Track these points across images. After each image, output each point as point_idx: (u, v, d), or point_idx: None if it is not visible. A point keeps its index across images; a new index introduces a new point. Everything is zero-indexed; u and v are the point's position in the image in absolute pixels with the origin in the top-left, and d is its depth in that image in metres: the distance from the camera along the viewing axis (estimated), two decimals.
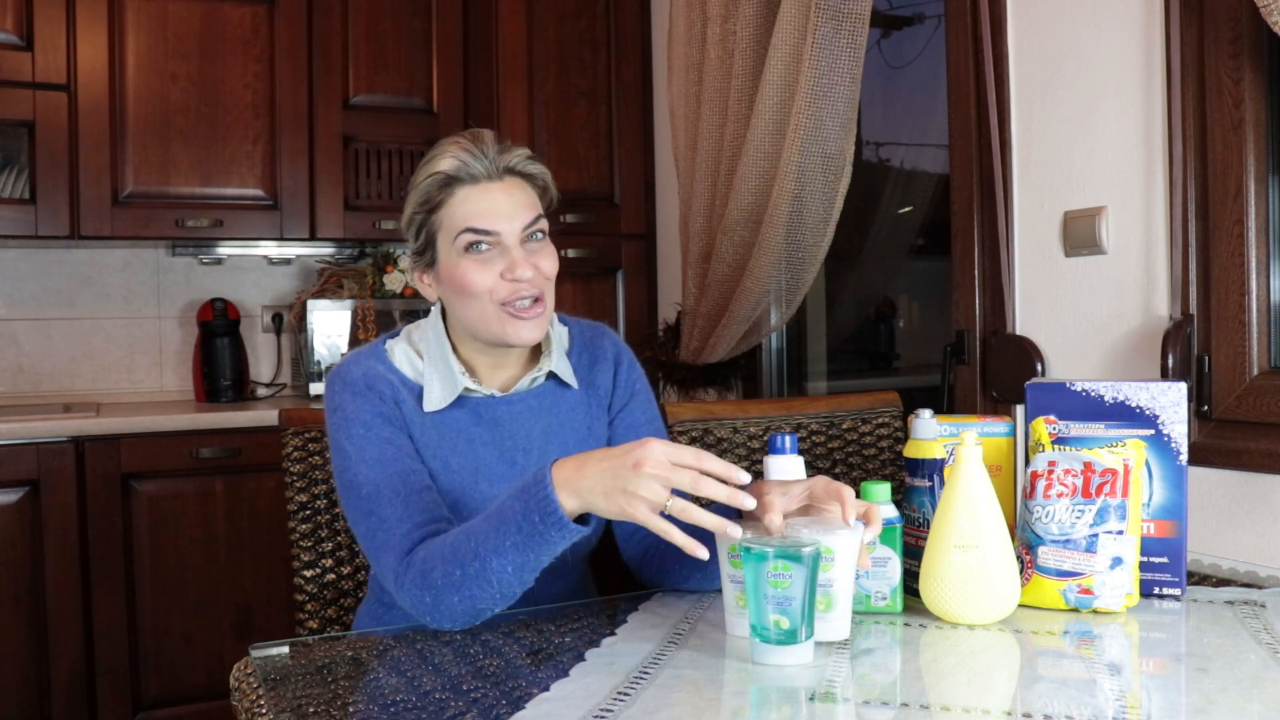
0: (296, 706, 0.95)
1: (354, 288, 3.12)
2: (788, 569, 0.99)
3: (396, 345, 1.35)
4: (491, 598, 1.13)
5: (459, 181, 1.27)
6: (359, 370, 1.30)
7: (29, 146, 2.72)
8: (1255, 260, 1.50)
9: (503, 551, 1.10)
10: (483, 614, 1.15)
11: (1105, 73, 1.68)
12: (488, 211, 1.27)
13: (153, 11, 2.81)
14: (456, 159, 1.27)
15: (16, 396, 2.99)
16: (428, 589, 1.14)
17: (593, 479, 1.05)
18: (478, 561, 1.11)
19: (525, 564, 1.10)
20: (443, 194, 1.28)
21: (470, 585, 1.11)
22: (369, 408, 1.28)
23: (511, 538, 1.09)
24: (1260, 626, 1.11)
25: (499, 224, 1.27)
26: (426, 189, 1.28)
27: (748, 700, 0.96)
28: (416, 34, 3.07)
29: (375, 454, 1.25)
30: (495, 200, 1.27)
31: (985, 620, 1.13)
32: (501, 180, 1.29)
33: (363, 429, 1.26)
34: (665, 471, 1.01)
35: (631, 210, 3.07)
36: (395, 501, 1.22)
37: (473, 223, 1.26)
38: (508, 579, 1.11)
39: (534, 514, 1.07)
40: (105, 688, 2.54)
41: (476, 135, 1.29)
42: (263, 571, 2.70)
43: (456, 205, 1.27)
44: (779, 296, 2.42)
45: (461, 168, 1.27)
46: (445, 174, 1.27)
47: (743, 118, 2.29)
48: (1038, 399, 1.26)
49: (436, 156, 1.29)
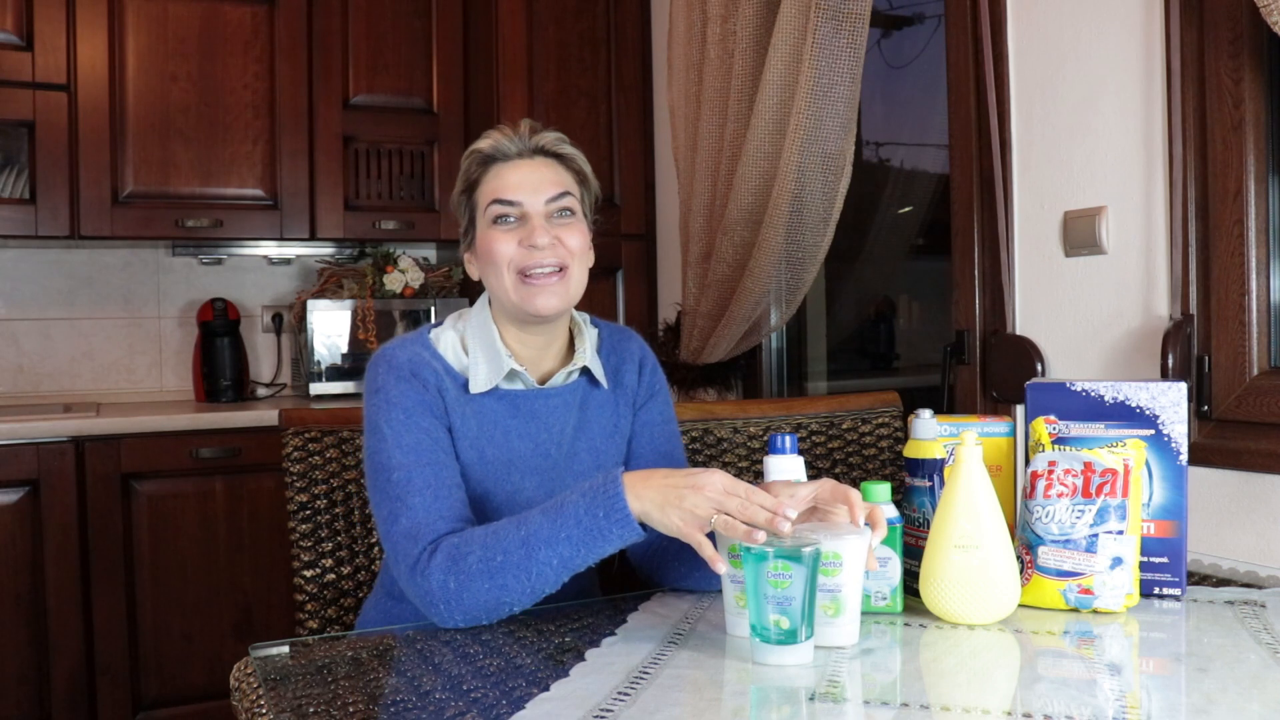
0: (296, 706, 0.95)
1: (354, 288, 3.12)
2: (788, 569, 0.99)
3: (442, 333, 1.37)
4: (521, 591, 1.14)
5: (493, 160, 1.35)
6: (405, 355, 1.32)
7: (29, 146, 2.72)
8: (1255, 260, 1.50)
9: (555, 543, 1.13)
10: (499, 610, 1.16)
11: (1105, 73, 1.68)
12: (514, 184, 1.33)
13: (153, 11, 2.81)
14: (490, 139, 1.36)
15: (16, 396, 2.99)
16: (455, 573, 1.15)
17: (655, 491, 1.12)
18: (524, 549, 1.14)
19: (572, 559, 1.14)
20: (479, 172, 1.36)
21: (507, 573, 1.14)
22: (412, 394, 1.29)
23: (568, 529, 1.13)
24: (1260, 626, 1.11)
25: (522, 195, 1.33)
26: (467, 169, 1.37)
27: (748, 700, 0.96)
28: (416, 34, 3.07)
29: (412, 441, 1.26)
30: (521, 174, 1.34)
31: (985, 620, 1.13)
32: (531, 159, 1.36)
33: (403, 414, 1.28)
34: (720, 496, 1.09)
35: (631, 210, 3.07)
36: (425, 492, 1.23)
37: (499, 194, 1.33)
38: (547, 574, 1.14)
39: (599, 509, 1.13)
40: (105, 688, 2.54)
41: (517, 123, 1.38)
42: (263, 571, 2.70)
43: (489, 181, 1.35)
44: (779, 296, 2.42)
45: (495, 147, 1.35)
46: (482, 153, 1.35)
47: (743, 118, 2.29)
48: (1038, 399, 1.26)
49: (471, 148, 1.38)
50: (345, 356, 3.04)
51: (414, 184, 3.09)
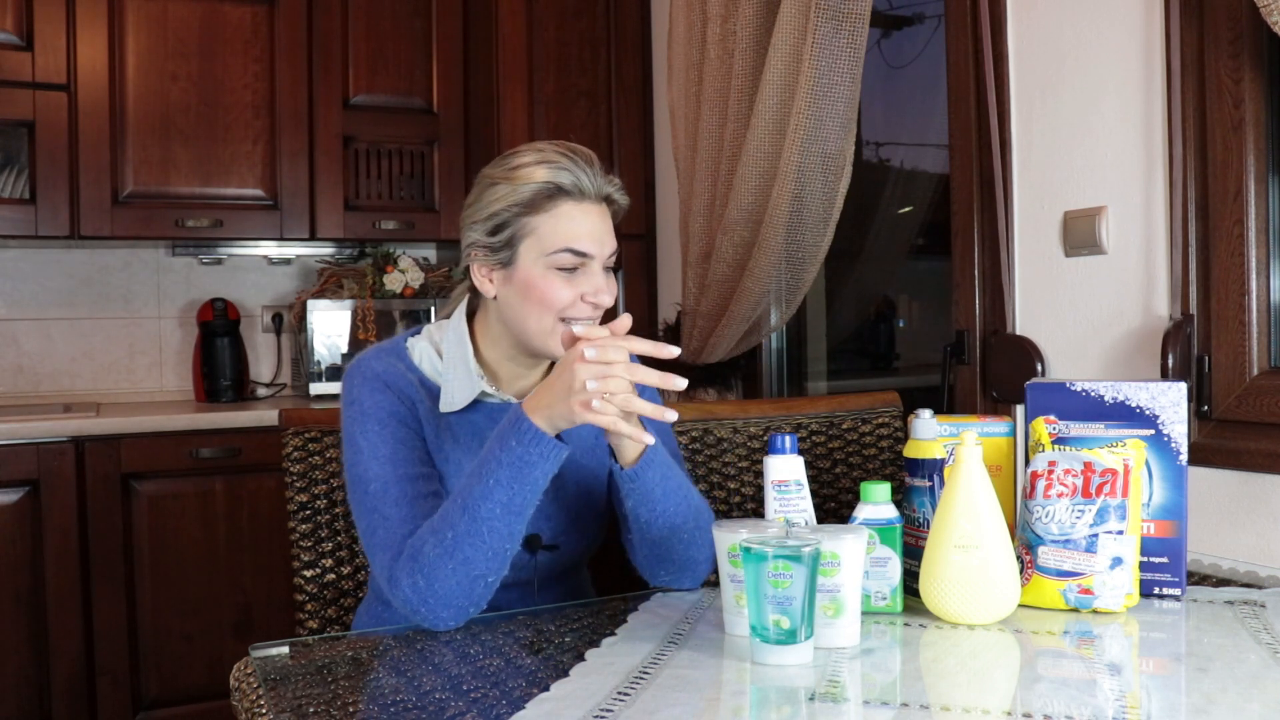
0: (296, 706, 0.95)
1: (354, 288, 3.12)
2: (788, 569, 0.99)
3: (418, 343, 1.36)
4: (483, 558, 1.14)
5: (566, 194, 1.26)
6: (380, 365, 1.31)
7: (29, 146, 2.72)
8: (1255, 260, 1.50)
9: (490, 494, 1.14)
10: (475, 587, 1.15)
11: (1105, 73, 1.68)
12: (589, 235, 1.27)
13: (153, 11, 2.81)
14: (568, 172, 1.26)
15: (16, 396, 2.99)
16: (420, 570, 1.14)
17: (548, 395, 1.15)
18: (467, 514, 1.14)
19: (512, 501, 1.14)
20: (546, 202, 1.26)
21: (463, 545, 1.13)
22: (386, 405, 1.28)
23: (496, 475, 1.14)
24: (1260, 626, 1.11)
25: (595, 248, 1.27)
26: (531, 193, 1.25)
27: (748, 700, 0.96)
28: (416, 34, 3.07)
29: (388, 453, 1.26)
30: (593, 222, 1.28)
31: (985, 620, 1.13)
32: (599, 204, 1.30)
33: (377, 426, 1.27)
34: (600, 367, 1.13)
35: (631, 210, 3.03)
36: (402, 503, 1.22)
37: (575, 244, 1.26)
38: (497, 526, 1.14)
39: (512, 441, 1.14)
40: (105, 688, 2.54)
41: (577, 149, 1.29)
42: (263, 571, 2.70)
43: (560, 218, 1.26)
44: (779, 296, 2.42)
45: (574, 182, 1.26)
46: (555, 185, 1.26)
47: (743, 118, 2.29)
48: (1038, 399, 1.26)
49: (538, 164, 1.26)
50: (345, 356, 3.05)
51: (414, 184, 3.09)
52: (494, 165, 1.31)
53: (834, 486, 1.74)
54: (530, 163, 1.27)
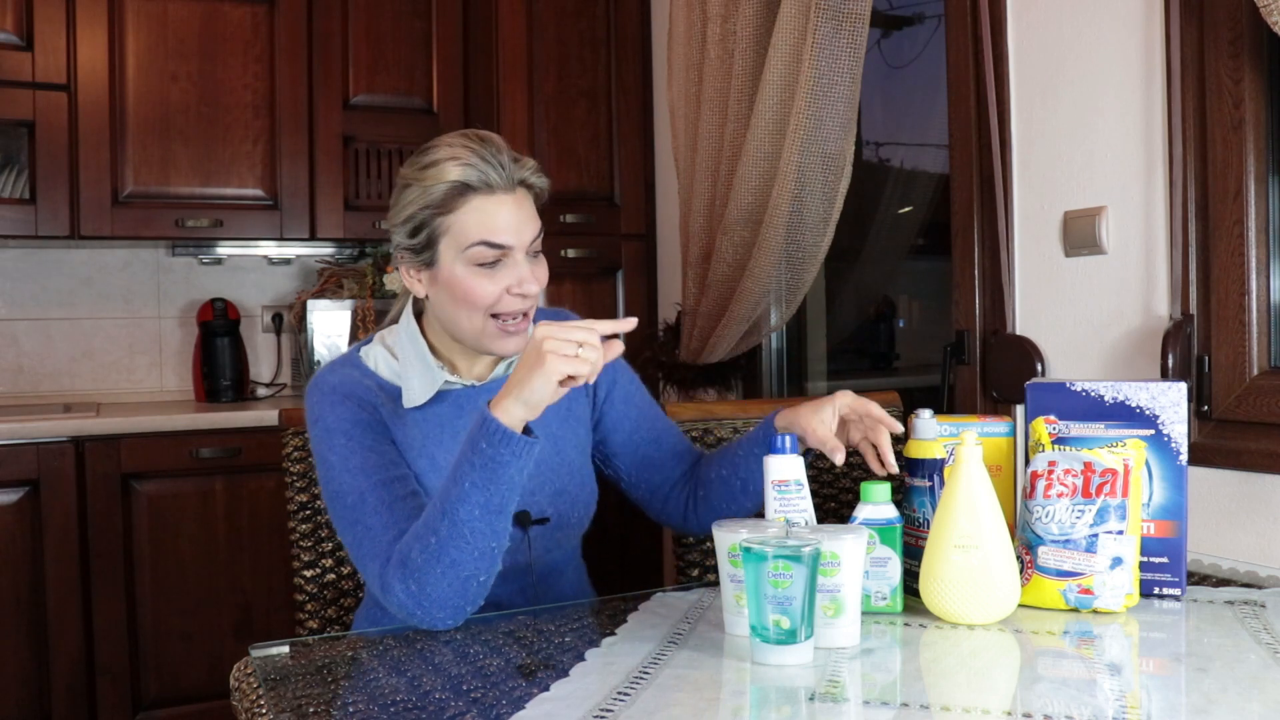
0: (296, 706, 0.95)
1: (354, 288, 3.12)
2: (788, 569, 0.99)
3: (371, 350, 1.36)
4: (471, 560, 1.13)
5: (474, 190, 1.25)
6: (335, 378, 1.31)
7: (29, 146, 2.72)
8: (1255, 260, 1.50)
9: (467, 496, 1.13)
10: (469, 588, 1.15)
11: (1105, 73, 1.68)
12: (503, 227, 1.26)
13: (153, 11, 2.81)
14: (474, 168, 1.24)
15: (16, 396, 2.99)
16: (410, 575, 1.14)
17: (517, 380, 1.13)
18: (447, 518, 1.13)
19: (490, 501, 1.13)
20: (456, 200, 1.25)
21: (449, 548, 1.13)
22: (349, 416, 1.28)
23: (470, 477, 1.13)
24: (1260, 626, 1.11)
25: (512, 239, 1.26)
26: (441, 193, 1.25)
27: (748, 700, 0.96)
28: (416, 34, 3.07)
29: (359, 463, 1.25)
30: (508, 212, 1.26)
31: (985, 620, 1.13)
32: (513, 192, 1.28)
33: (344, 439, 1.26)
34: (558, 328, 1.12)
35: (631, 210, 3.07)
36: (381, 510, 1.22)
37: (489, 236, 1.25)
38: (479, 527, 1.13)
39: (481, 443, 1.13)
40: (105, 687, 2.54)
41: (486, 139, 1.28)
42: (263, 571, 2.70)
43: (470, 214, 1.25)
44: (779, 296, 2.42)
45: (480, 178, 1.25)
46: (462, 183, 1.25)
47: (743, 118, 2.29)
48: (1038, 399, 1.26)
49: (447, 160, 1.25)
50: None
51: None
52: (408, 165, 1.30)
53: (834, 486, 1.74)
54: (439, 160, 1.26)
